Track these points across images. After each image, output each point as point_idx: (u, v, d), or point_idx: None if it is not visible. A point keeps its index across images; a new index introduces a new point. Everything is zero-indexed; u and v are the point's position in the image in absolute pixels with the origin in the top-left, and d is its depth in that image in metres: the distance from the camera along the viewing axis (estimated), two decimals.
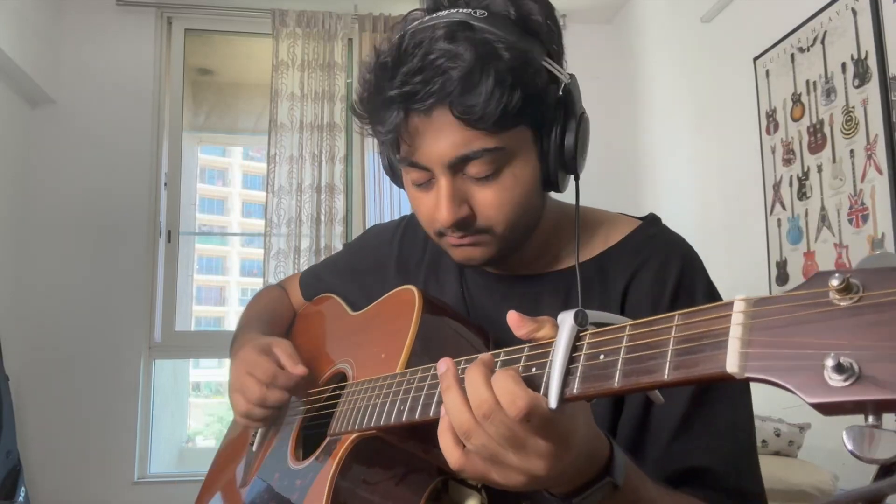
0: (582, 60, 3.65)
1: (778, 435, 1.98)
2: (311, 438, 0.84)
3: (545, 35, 0.74)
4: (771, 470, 1.97)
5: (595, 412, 0.74)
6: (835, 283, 0.36)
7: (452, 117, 0.69)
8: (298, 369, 0.85)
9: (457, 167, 0.72)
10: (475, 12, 0.71)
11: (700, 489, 0.70)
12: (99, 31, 3.35)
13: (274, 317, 1.08)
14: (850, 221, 2.07)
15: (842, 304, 0.36)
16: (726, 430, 0.73)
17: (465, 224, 0.74)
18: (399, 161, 0.76)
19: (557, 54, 0.76)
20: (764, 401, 0.76)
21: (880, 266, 0.36)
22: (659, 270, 0.79)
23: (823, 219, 2.19)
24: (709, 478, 0.71)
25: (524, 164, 0.74)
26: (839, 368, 0.35)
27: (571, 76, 0.75)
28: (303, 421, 0.88)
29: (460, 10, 0.71)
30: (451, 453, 0.56)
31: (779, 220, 2.41)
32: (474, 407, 0.53)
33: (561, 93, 0.75)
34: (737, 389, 0.75)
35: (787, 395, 0.38)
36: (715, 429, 0.73)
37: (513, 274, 0.85)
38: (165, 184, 3.38)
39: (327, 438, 0.77)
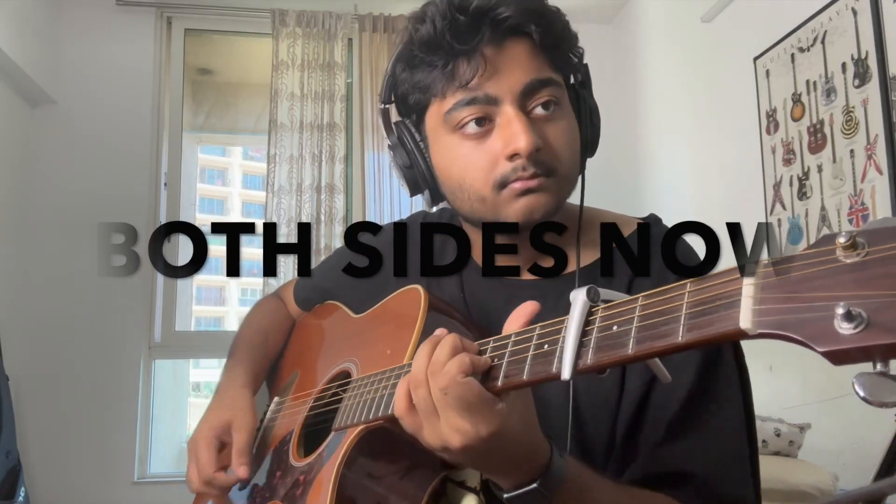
0: None
1: (778, 435, 1.98)
2: (314, 436, 0.84)
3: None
4: (771, 470, 1.97)
5: (598, 414, 0.74)
6: (842, 240, 0.38)
7: (526, 44, 0.74)
8: (240, 471, 0.84)
9: (526, 97, 0.74)
10: None
11: (684, 494, 0.69)
12: (99, 30, 3.36)
13: (267, 338, 1.07)
14: (851, 221, 2.07)
15: (848, 260, 0.38)
16: (716, 433, 0.73)
17: (535, 157, 0.74)
18: (458, 105, 0.74)
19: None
20: (764, 401, 0.76)
21: (883, 227, 0.38)
22: (660, 273, 0.78)
23: (824, 219, 2.19)
24: (693, 482, 0.70)
25: (569, 115, 0.79)
26: (849, 316, 0.36)
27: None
28: (305, 420, 0.88)
29: None
30: (400, 401, 0.61)
31: (779, 219, 2.41)
32: (430, 363, 0.58)
33: (584, 63, 0.82)
34: (731, 391, 0.75)
35: (787, 395, 0.38)
36: (704, 433, 0.72)
37: (517, 278, 0.85)
38: (165, 184, 3.38)
39: (332, 433, 0.77)
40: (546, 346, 0.54)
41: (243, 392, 0.93)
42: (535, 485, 0.59)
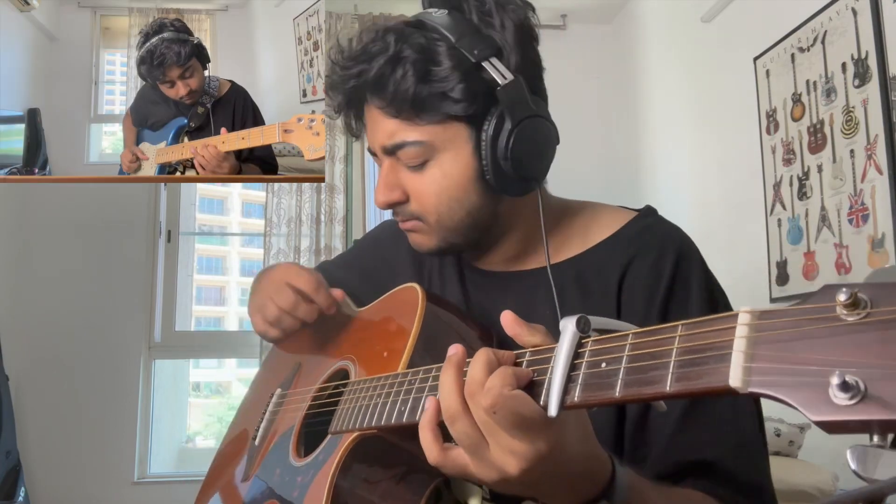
0: (582, 60, 3.68)
1: (778, 435, 1.98)
2: (314, 435, 0.84)
3: (502, 37, 0.74)
4: (771, 470, 1.97)
5: (600, 415, 0.74)
6: (842, 297, 0.35)
7: (376, 109, 0.76)
8: (337, 293, 0.88)
9: (392, 153, 0.77)
10: (436, 11, 0.76)
11: (705, 482, 0.69)
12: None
13: None
14: (851, 221, 2.07)
15: (849, 319, 0.35)
16: (730, 420, 0.72)
17: (399, 208, 0.79)
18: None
19: (519, 57, 0.74)
20: (764, 400, 0.75)
21: (889, 280, 0.36)
22: (654, 261, 0.77)
23: (824, 219, 2.19)
24: (713, 470, 0.70)
25: (454, 159, 0.76)
26: (845, 387, 0.34)
27: (517, 78, 0.73)
28: (305, 417, 0.88)
29: (432, 11, 0.76)
30: (430, 448, 0.57)
31: (779, 220, 2.41)
32: (466, 384, 0.54)
33: (498, 95, 0.73)
34: None
35: None
36: (719, 420, 0.72)
37: (507, 270, 0.85)
38: (165, 184, 3.38)
39: (328, 436, 0.77)
40: (535, 375, 0.53)
41: None
42: (603, 501, 0.56)
